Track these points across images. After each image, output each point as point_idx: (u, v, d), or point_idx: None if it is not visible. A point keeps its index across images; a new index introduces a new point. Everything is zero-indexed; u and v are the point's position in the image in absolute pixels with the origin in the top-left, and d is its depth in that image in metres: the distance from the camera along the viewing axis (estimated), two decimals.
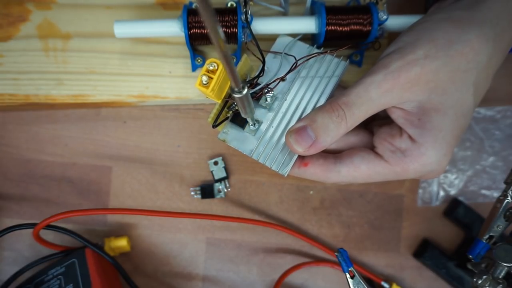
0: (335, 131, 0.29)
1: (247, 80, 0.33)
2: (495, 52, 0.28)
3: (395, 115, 0.30)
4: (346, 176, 0.31)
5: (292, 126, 0.30)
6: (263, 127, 0.33)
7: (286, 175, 0.32)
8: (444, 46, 0.27)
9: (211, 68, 0.28)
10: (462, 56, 0.27)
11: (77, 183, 0.42)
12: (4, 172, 0.42)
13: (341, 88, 0.37)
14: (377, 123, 0.34)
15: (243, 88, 0.24)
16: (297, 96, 0.33)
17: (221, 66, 0.28)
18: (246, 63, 0.33)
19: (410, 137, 0.29)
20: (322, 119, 0.29)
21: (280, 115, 0.33)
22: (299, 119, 0.30)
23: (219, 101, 0.31)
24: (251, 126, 0.33)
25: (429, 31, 0.28)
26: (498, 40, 0.28)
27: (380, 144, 0.31)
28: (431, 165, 0.29)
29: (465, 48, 0.27)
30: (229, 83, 0.31)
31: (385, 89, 0.28)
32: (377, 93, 0.28)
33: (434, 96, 0.28)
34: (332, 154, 0.32)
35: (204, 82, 0.28)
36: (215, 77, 0.27)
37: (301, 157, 0.32)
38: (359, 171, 0.31)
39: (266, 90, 0.32)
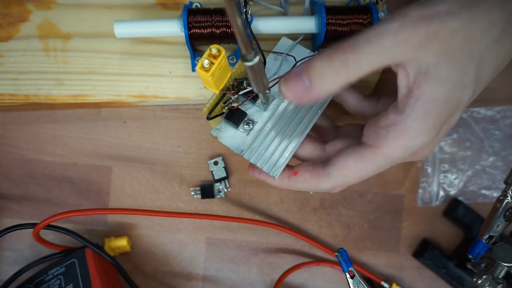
0: (333, 76, 0.26)
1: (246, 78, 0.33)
2: (506, 35, 0.26)
3: (401, 76, 0.27)
4: (337, 177, 0.30)
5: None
6: (257, 127, 0.33)
7: (277, 177, 0.32)
8: (465, 6, 0.25)
9: (214, 52, 0.27)
10: (478, 24, 0.25)
11: (77, 183, 0.42)
12: (4, 172, 0.42)
13: None
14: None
15: (255, 55, 0.22)
16: None
17: (223, 52, 0.27)
18: None
19: (397, 111, 0.27)
20: (321, 63, 0.25)
21: (275, 116, 0.33)
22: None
23: (217, 92, 0.31)
24: (246, 126, 0.33)
25: None
26: (509, 26, 0.26)
27: (365, 132, 0.29)
28: (419, 138, 0.27)
29: (483, 16, 0.25)
30: (229, 74, 0.31)
31: (401, 38, 0.25)
32: (390, 41, 0.25)
33: (443, 62, 0.25)
34: (321, 162, 0.31)
35: (206, 66, 0.27)
36: (216, 62, 0.27)
37: (291, 167, 0.32)
38: (348, 167, 0.29)
39: None
